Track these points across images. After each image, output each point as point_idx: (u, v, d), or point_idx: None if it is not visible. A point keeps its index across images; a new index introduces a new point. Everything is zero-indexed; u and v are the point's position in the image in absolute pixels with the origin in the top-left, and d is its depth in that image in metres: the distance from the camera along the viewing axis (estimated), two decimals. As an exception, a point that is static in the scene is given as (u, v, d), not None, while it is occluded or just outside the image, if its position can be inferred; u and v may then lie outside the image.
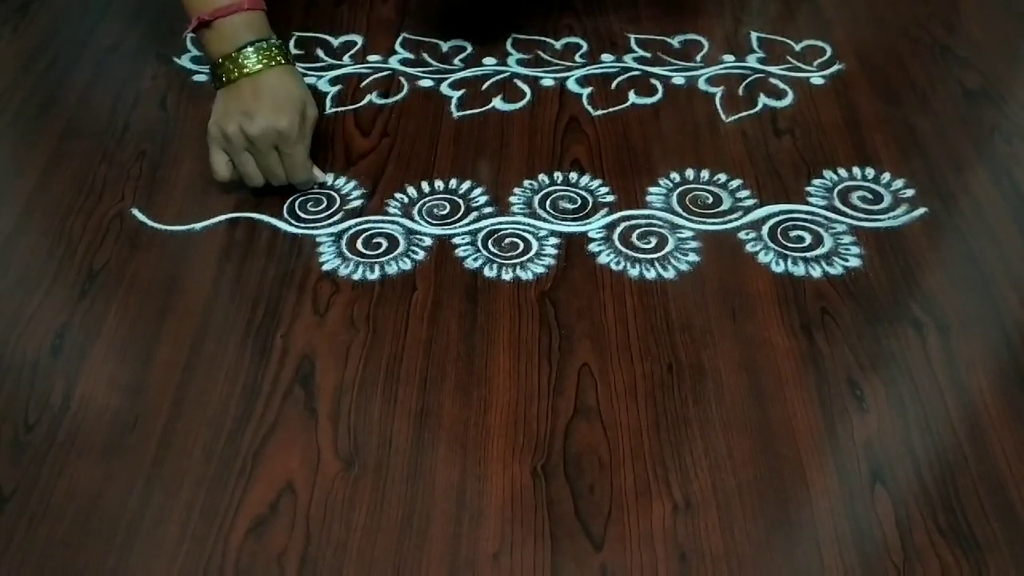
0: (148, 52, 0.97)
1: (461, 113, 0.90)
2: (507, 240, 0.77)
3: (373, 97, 0.92)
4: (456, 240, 0.77)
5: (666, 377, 0.67)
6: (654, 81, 0.94)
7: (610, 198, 0.81)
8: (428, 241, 0.77)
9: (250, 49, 0.77)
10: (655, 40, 0.99)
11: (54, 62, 0.96)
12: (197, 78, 0.94)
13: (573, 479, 0.61)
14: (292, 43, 0.98)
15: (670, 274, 0.74)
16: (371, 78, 0.94)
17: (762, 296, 0.72)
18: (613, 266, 0.75)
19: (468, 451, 0.62)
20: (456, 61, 0.96)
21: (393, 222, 0.79)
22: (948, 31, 1.01)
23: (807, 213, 0.80)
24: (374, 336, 0.70)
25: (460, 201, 0.81)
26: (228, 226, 0.78)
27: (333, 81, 0.94)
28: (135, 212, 0.79)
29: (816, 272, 0.74)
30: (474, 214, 0.79)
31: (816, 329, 0.70)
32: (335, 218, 0.79)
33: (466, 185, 0.82)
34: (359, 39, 0.99)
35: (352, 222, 0.79)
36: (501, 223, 0.79)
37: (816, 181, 0.82)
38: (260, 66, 0.77)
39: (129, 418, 0.64)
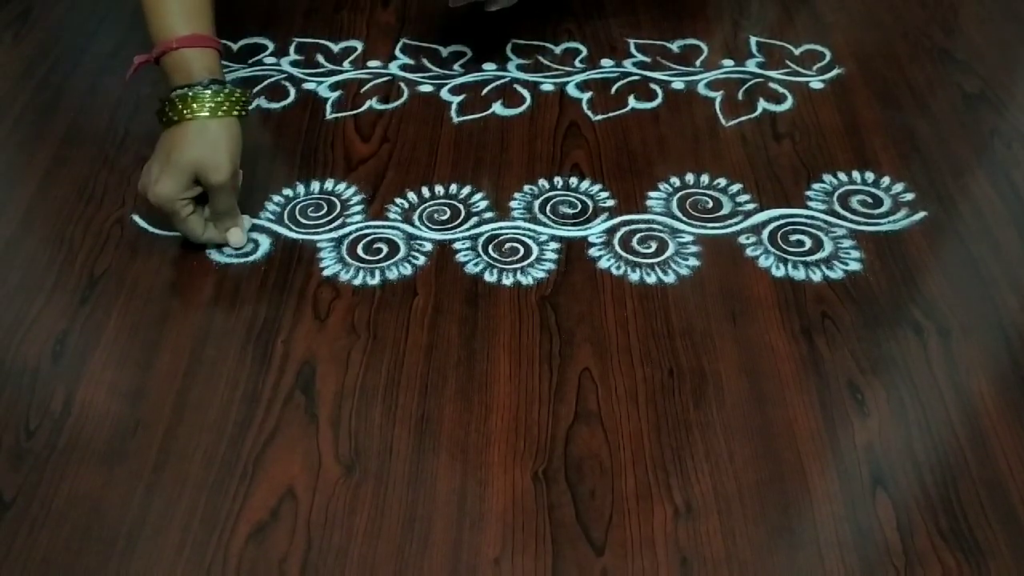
0: (148, 58, 0.97)
1: (461, 118, 0.90)
2: (507, 245, 0.77)
3: (373, 103, 0.92)
4: (456, 245, 0.77)
5: (667, 381, 0.67)
6: (654, 86, 0.94)
7: (610, 203, 0.81)
8: (428, 246, 0.77)
9: (188, 91, 0.72)
10: (654, 45, 0.99)
11: (54, 68, 0.96)
12: (197, 84, 0.94)
13: (574, 484, 0.61)
14: (292, 48, 0.99)
15: (670, 278, 0.74)
16: (371, 83, 0.94)
17: (762, 300, 0.72)
18: (613, 271, 0.75)
19: (469, 456, 0.62)
20: (456, 66, 0.96)
21: (394, 227, 0.79)
22: (947, 35, 1.01)
23: (807, 217, 0.80)
24: (375, 341, 0.70)
25: (460, 206, 0.81)
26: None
27: (333, 87, 0.94)
28: (136, 218, 0.80)
29: (816, 276, 0.74)
30: (474, 219, 0.79)
31: (817, 333, 0.70)
32: (335, 223, 0.79)
33: (466, 190, 0.82)
34: (359, 44, 0.99)
35: (352, 227, 0.79)
36: (501, 228, 0.79)
37: (816, 185, 0.82)
38: (205, 113, 0.71)
39: (130, 424, 0.64)
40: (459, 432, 0.64)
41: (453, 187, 0.82)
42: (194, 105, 0.71)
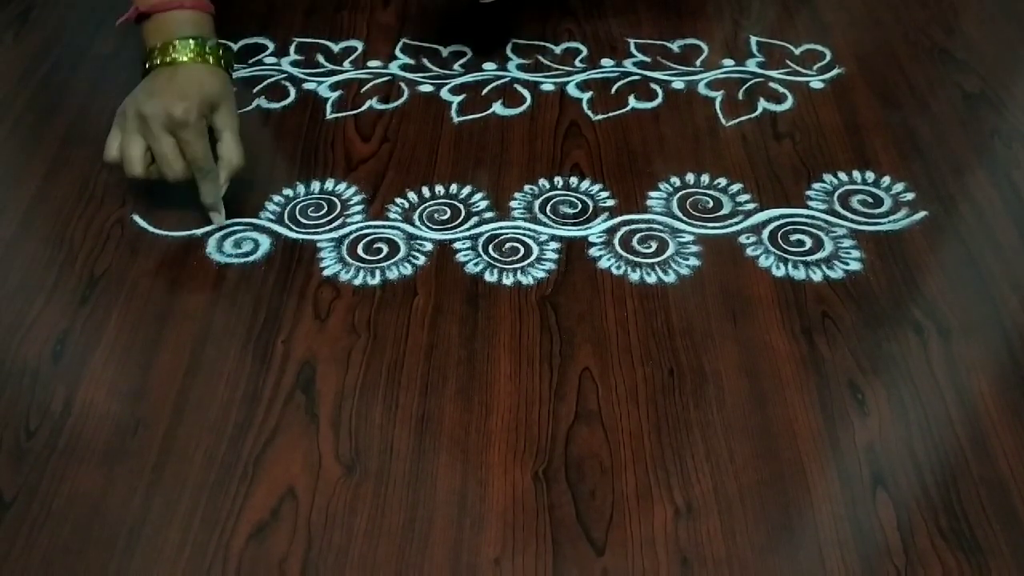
0: (148, 58, 0.97)
1: (461, 118, 0.90)
2: (508, 245, 0.77)
3: (373, 102, 0.92)
4: (457, 245, 0.77)
5: (667, 381, 0.67)
6: (654, 85, 0.94)
7: (610, 202, 0.81)
8: (429, 246, 0.77)
9: (180, 42, 0.75)
10: (655, 45, 0.99)
11: (55, 69, 0.96)
12: (197, 84, 0.94)
13: (574, 484, 0.61)
14: (293, 48, 0.99)
15: (671, 278, 0.74)
16: (371, 83, 0.94)
17: (763, 300, 0.72)
18: (614, 270, 0.75)
19: (469, 456, 0.62)
20: (456, 66, 0.96)
21: (394, 227, 0.79)
22: (947, 34, 1.01)
23: (807, 217, 0.80)
24: (375, 341, 0.70)
25: (460, 206, 0.81)
26: (228, 231, 0.78)
27: (333, 87, 0.94)
28: (136, 218, 0.80)
29: (817, 276, 0.74)
30: (475, 219, 0.79)
31: (817, 333, 0.70)
32: (336, 223, 0.79)
33: (467, 190, 0.82)
34: (359, 44, 1.00)
35: (353, 227, 0.79)
36: (502, 228, 0.79)
37: (816, 185, 0.82)
38: (186, 58, 0.75)
39: (130, 424, 0.64)
40: (459, 432, 0.64)
41: (453, 187, 0.82)
42: (201, 51, 0.76)
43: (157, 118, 0.72)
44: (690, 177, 0.83)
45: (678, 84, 0.94)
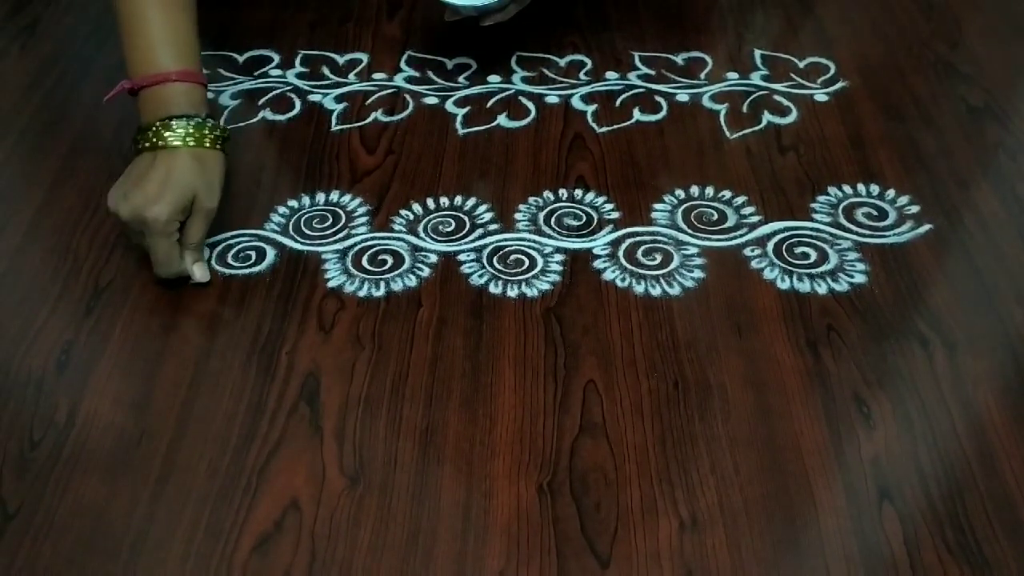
0: (154, 70, 0.97)
1: (466, 130, 0.90)
2: (512, 257, 0.77)
3: (378, 115, 0.92)
4: (461, 257, 0.77)
5: (672, 394, 0.67)
6: (658, 98, 0.94)
7: (615, 215, 0.81)
8: (433, 258, 0.77)
9: (176, 122, 0.72)
10: (659, 58, 1.00)
11: (61, 80, 0.97)
12: (203, 96, 0.94)
13: (579, 496, 0.61)
14: (298, 60, 0.99)
15: (675, 290, 0.74)
16: (376, 96, 0.95)
17: (768, 313, 0.72)
18: (618, 283, 0.75)
19: (473, 468, 0.62)
20: (461, 79, 0.97)
21: (398, 239, 0.79)
22: (951, 48, 1.01)
23: (812, 230, 0.80)
24: (379, 353, 0.70)
25: (465, 218, 0.81)
26: (233, 243, 0.78)
27: (339, 99, 0.94)
28: (141, 229, 0.80)
29: (821, 289, 0.74)
30: (479, 231, 0.80)
31: (822, 346, 0.70)
32: (340, 235, 0.79)
33: (471, 202, 0.82)
34: (364, 57, 1.00)
35: (357, 239, 0.79)
36: (506, 240, 0.79)
37: (821, 198, 0.82)
38: (179, 143, 0.72)
39: (134, 435, 0.64)
40: (464, 444, 0.64)
41: (458, 199, 0.83)
42: (193, 132, 0.72)
43: (135, 221, 0.70)
44: (694, 190, 0.83)
45: (682, 97, 0.94)
